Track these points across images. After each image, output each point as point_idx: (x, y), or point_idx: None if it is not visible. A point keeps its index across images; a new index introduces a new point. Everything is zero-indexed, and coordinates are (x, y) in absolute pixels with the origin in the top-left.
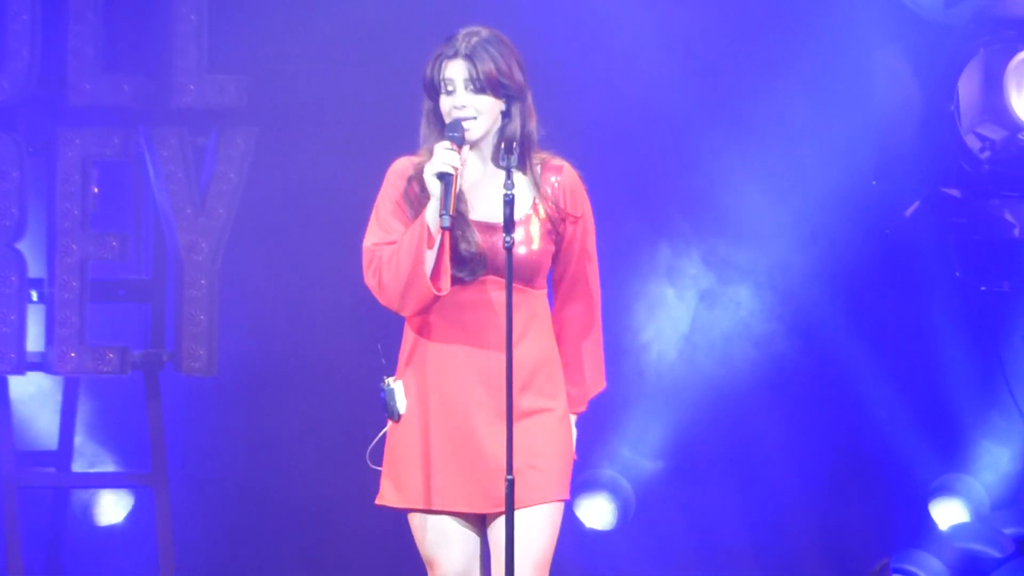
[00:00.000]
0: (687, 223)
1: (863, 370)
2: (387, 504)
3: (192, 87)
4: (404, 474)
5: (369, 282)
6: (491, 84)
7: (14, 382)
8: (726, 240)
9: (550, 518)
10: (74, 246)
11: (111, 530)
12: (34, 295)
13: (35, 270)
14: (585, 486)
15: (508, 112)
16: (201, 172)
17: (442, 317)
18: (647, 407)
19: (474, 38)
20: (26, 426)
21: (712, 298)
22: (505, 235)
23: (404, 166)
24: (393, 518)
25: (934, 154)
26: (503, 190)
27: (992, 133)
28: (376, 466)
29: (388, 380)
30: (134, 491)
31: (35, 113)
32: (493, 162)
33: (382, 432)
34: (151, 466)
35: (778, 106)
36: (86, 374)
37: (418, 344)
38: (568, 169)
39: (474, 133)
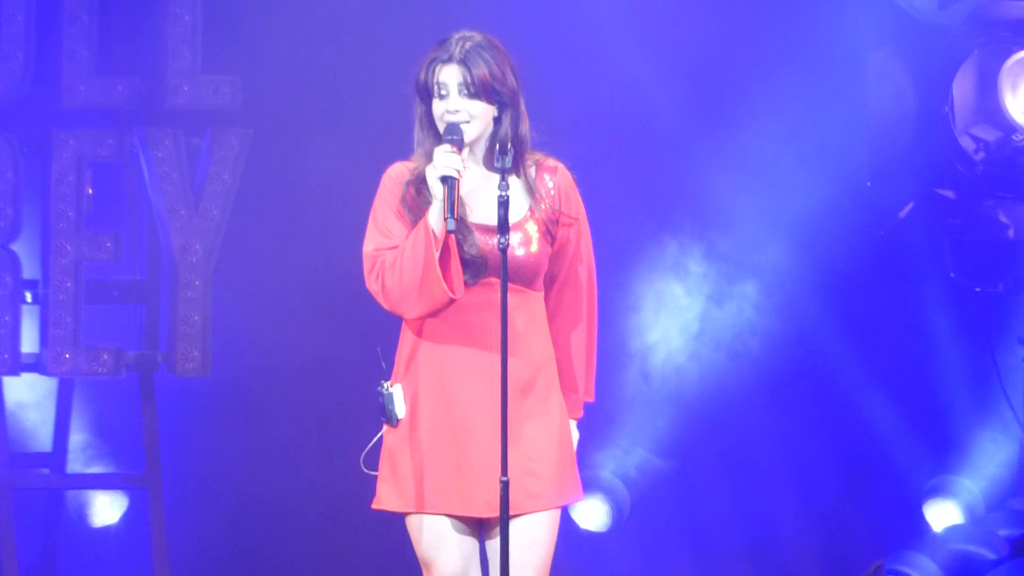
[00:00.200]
0: (680, 226)
1: (857, 371)
2: (385, 508)
3: (186, 88)
4: (403, 477)
5: (371, 287)
6: (484, 89)
7: (8, 383)
8: (720, 242)
9: (549, 525)
10: (68, 247)
11: (106, 531)
12: (28, 296)
13: (29, 271)
14: None
15: (500, 116)
16: (195, 173)
17: (444, 319)
18: (640, 410)
19: (467, 43)
20: (20, 427)
21: (704, 300)
22: (499, 237)
23: (399, 171)
24: (389, 520)
25: (928, 155)
26: (504, 191)
27: (986, 134)
28: (371, 471)
29: (385, 384)
30: (128, 492)
31: (29, 114)
32: (487, 166)
33: (377, 436)
34: (145, 467)
35: (772, 107)
36: (80, 375)
37: (419, 347)
38: (563, 170)
39: (467, 136)
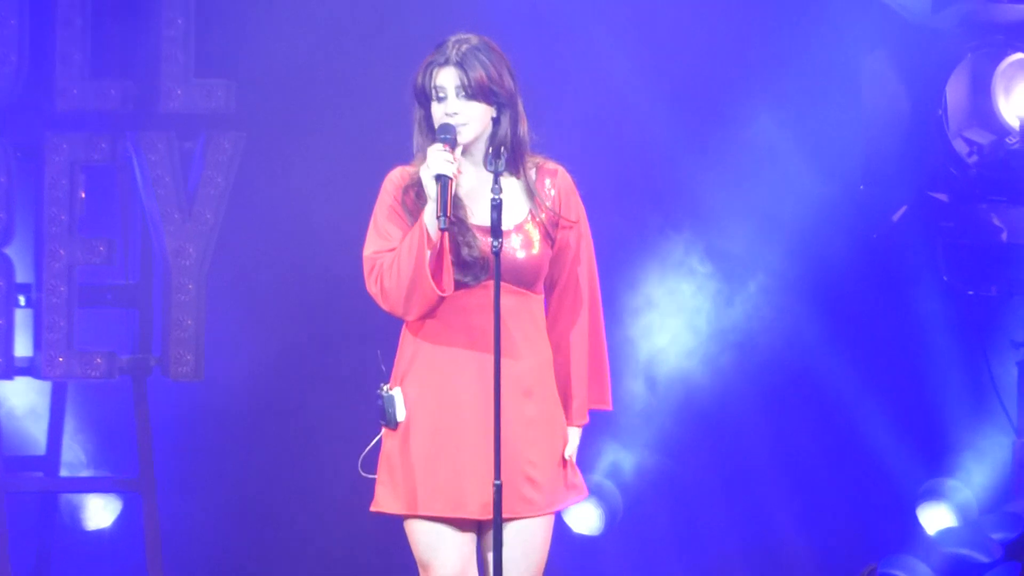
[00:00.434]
0: (672, 230)
1: (851, 374)
2: (383, 510)
3: (179, 92)
4: (402, 479)
5: (371, 290)
6: (482, 91)
7: (2, 387)
8: (712, 246)
9: (543, 530)
10: (62, 251)
11: (99, 535)
12: (22, 300)
13: (23, 275)
14: None
15: (499, 118)
16: (188, 177)
17: (445, 322)
18: (631, 413)
19: (464, 45)
20: (14, 431)
21: (697, 304)
22: (492, 240)
23: (400, 175)
24: (383, 522)
25: (922, 158)
26: (497, 194)
27: (980, 137)
28: (369, 474)
29: (385, 387)
30: (122, 496)
31: (23, 118)
32: (487, 167)
33: (376, 439)
34: (139, 471)
35: (765, 110)
36: (74, 379)
37: (419, 349)
38: (563, 173)
39: (464, 137)
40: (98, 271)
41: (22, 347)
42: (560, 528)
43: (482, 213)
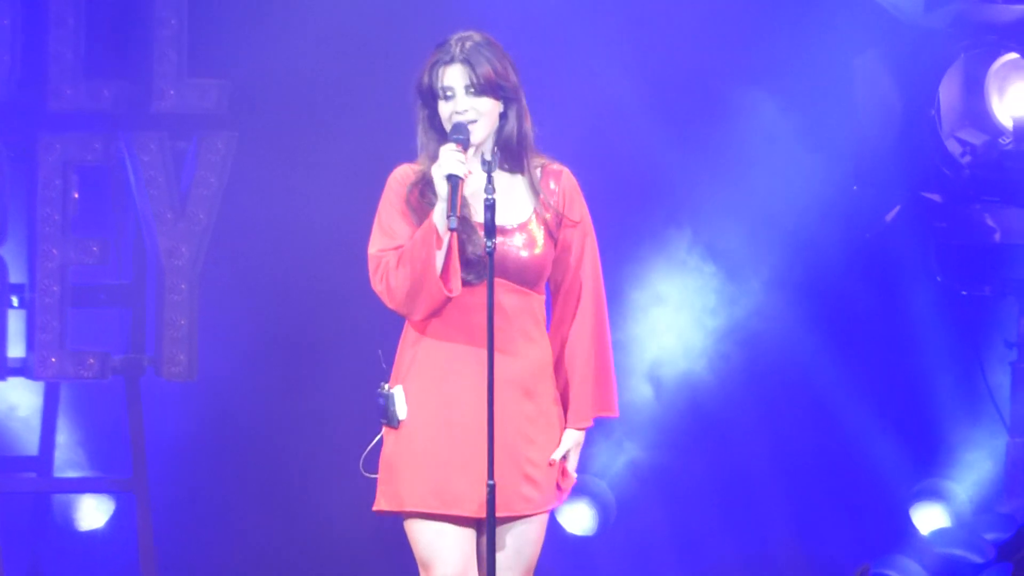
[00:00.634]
0: (664, 231)
1: (844, 375)
2: (385, 510)
3: (172, 92)
4: (402, 478)
5: (377, 288)
6: (490, 86)
7: None
8: (704, 247)
9: (539, 528)
10: (55, 251)
11: (92, 535)
12: (15, 300)
13: (16, 275)
14: None
15: (505, 113)
16: (181, 177)
17: (447, 320)
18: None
19: (467, 42)
20: (6, 432)
21: (689, 305)
22: (487, 240)
23: (405, 173)
24: (380, 523)
25: (915, 159)
26: (491, 194)
27: (973, 138)
28: (370, 474)
29: (386, 386)
30: (115, 496)
31: (15, 118)
32: (482, 168)
33: (377, 438)
34: (132, 471)
35: (758, 111)
36: (67, 379)
37: (421, 347)
38: (567, 174)
39: (477, 135)
40: (91, 271)
41: (15, 347)
42: (553, 528)
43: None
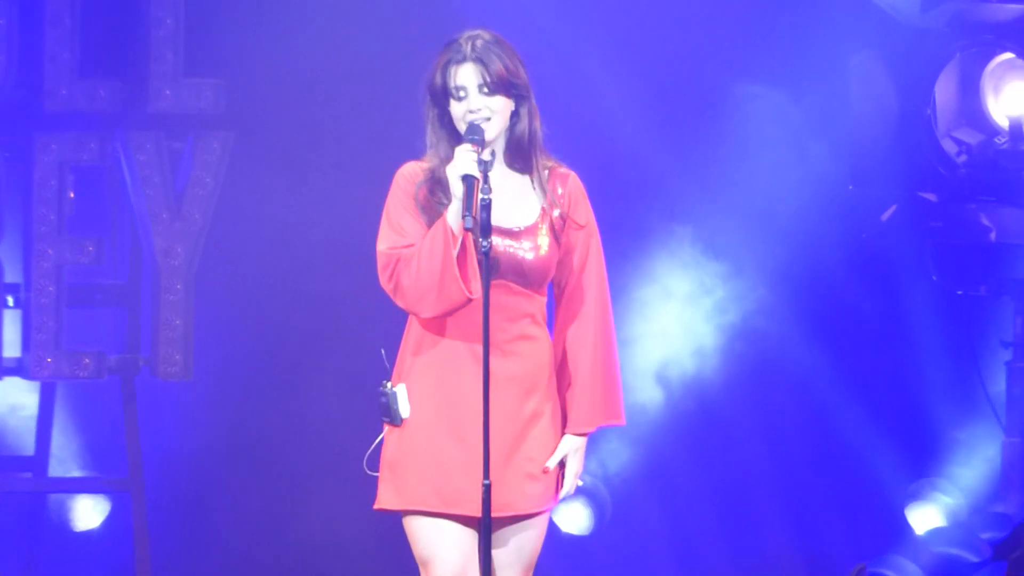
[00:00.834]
0: (658, 231)
1: (839, 374)
2: (386, 507)
3: (168, 92)
4: (402, 476)
5: (385, 285)
6: (502, 84)
7: None
8: (699, 247)
9: (542, 525)
10: (50, 251)
11: (88, 535)
12: (10, 300)
13: (11, 275)
14: None
15: (517, 111)
16: (177, 177)
17: (450, 319)
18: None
19: (478, 40)
20: (2, 432)
21: (684, 304)
22: (481, 240)
23: (413, 170)
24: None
25: (911, 158)
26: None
27: (969, 137)
28: (373, 472)
29: (388, 384)
30: (111, 496)
31: (11, 118)
32: (507, 165)
33: (379, 438)
34: (128, 471)
35: (754, 110)
36: (62, 379)
37: (423, 346)
38: (575, 179)
39: (490, 134)
40: (87, 271)
41: (10, 347)
42: (549, 528)
43: (498, 212)
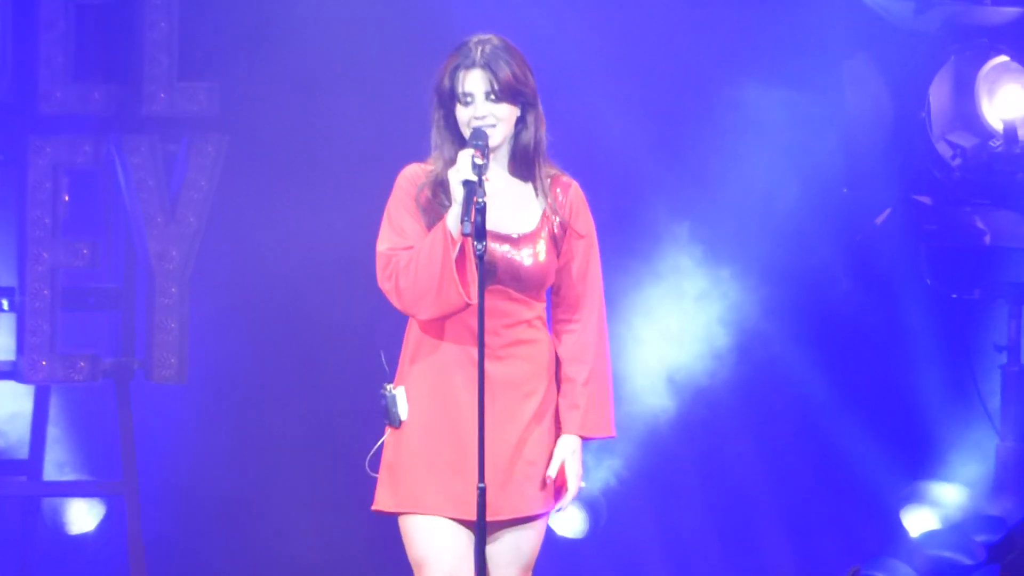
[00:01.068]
0: (652, 233)
1: (833, 377)
2: (382, 509)
3: (162, 95)
4: (401, 478)
5: (384, 286)
6: (510, 92)
7: None
8: (694, 249)
9: (540, 527)
10: (45, 254)
11: (82, 539)
12: (5, 304)
13: (6, 278)
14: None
15: (524, 118)
16: (172, 180)
17: (449, 322)
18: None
19: (487, 46)
20: None
21: (678, 306)
22: (476, 243)
23: (415, 172)
24: (370, 525)
25: (905, 161)
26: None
27: (963, 140)
28: (374, 474)
29: (388, 387)
30: (105, 500)
31: (5, 121)
32: (509, 172)
33: (381, 440)
34: (122, 474)
35: (748, 113)
36: (57, 382)
37: (421, 349)
38: (576, 188)
39: (494, 140)
40: (81, 274)
41: (5, 351)
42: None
43: (496, 217)
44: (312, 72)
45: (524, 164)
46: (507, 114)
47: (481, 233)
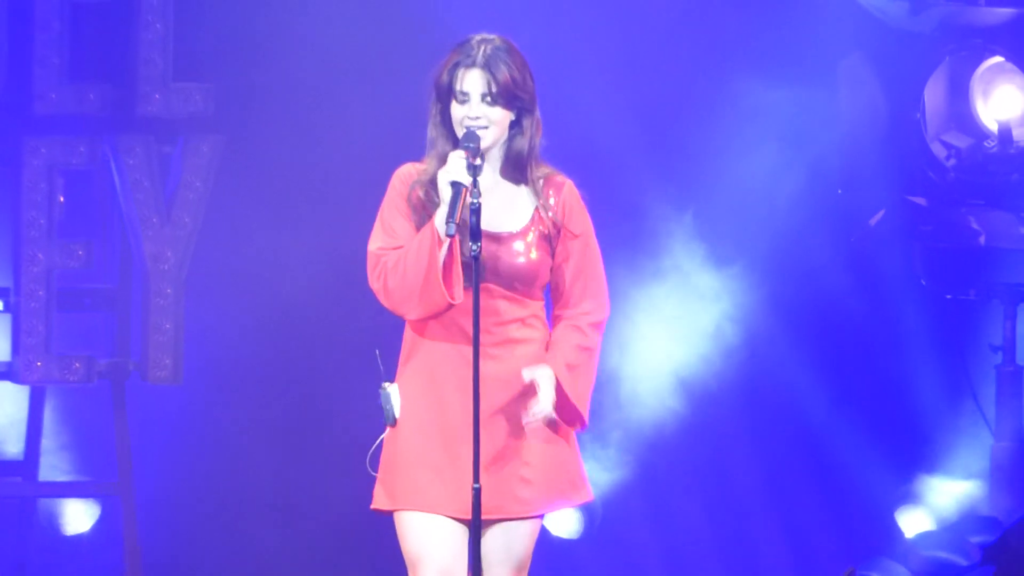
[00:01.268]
0: (648, 234)
1: (828, 378)
2: (378, 507)
3: (157, 96)
4: (394, 476)
5: (374, 285)
6: (506, 95)
7: None
8: (689, 251)
9: (531, 530)
10: (40, 255)
11: (78, 539)
12: (0, 304)
13: (1, 279)
14: None
15: (519, 122)
16: (167, 181)
17: (442, 321)
18: (611, 417)
19: (489, 46)
20: None
21: (673, 310)
22: (472, 244)
23: (408, 171)
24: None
25: (900, 162)
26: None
27: (958, 141)
28: (375, 472)
29: (385, 385)
30: (101, 500)
31: (1, 122)
32: (501, 173)
33: (380, 439)
34: (118, 475)
35: (743, 114)
36: (52, 383)
37: (415, 348)
38: (570, 187)
39: (485, 142)
40: (76, 275)
41: (0, 352)
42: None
43: (488, 218)
44: (307, 73)
45: (516, 168)
46: (501, 118)
47: (476, 234)
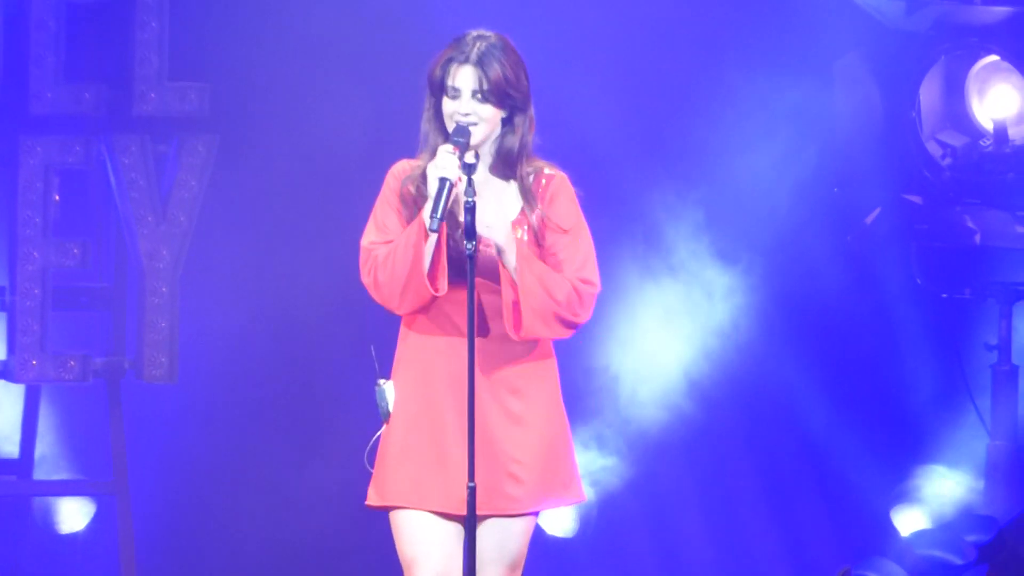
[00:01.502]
0: (644, 234)
1: (824, 377)
2: (372, 505)
3: (153, 95)
4: (389, 473)
5: (365, 280)
6: (497, 93)
7: None
8: (684, 250)
9: (524, 529)
10: (35, 254)
11: (73, 538)
12: None
13: None
14: None
15: (511, 120)
16: (162, 180)
17: (434, 318)
18: (607, 416)
19: (483, 43)
20: None
21: (670, 308)
22: (467, 242)
23: (402, 168)
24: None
25: (895, 161)
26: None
27: (953, 140)
28: (372, 468)
29: (380, 381)
30: (96, 499)
31: None
32: (492, 170)
33: (377, 435)
34: (113, 474)
35: (739, 113)
36: (48, 382)
37: (409, 344)
38: (560, 179)
39: (475, 139)
40: (72, 274)
41: None
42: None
43: (478, 214)
44: (303, 72)
45: (506, 165)
46: (491, 115)
47: (471, 232)
